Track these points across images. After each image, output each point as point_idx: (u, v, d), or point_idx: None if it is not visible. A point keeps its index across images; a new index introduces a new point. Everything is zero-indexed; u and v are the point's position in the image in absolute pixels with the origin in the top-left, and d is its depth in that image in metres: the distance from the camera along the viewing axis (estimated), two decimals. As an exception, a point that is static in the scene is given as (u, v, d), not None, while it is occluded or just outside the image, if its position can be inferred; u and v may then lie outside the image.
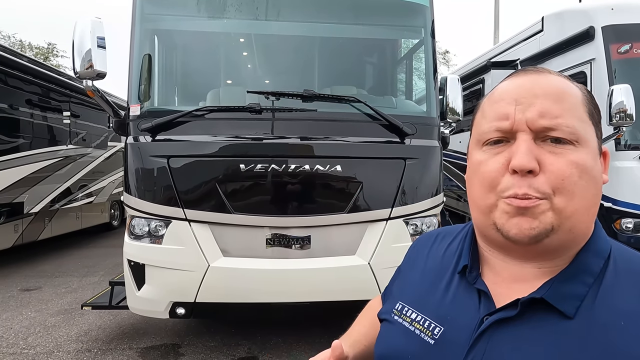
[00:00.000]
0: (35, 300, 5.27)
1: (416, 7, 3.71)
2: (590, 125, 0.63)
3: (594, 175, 0.62)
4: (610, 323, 0.57)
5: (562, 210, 0.60)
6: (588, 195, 0.62)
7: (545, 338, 0.59)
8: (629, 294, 0.59)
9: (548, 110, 0.61)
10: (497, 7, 17.72)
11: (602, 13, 5.23)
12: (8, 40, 20.61)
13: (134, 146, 3.28)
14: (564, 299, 0.60)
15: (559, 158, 0.60)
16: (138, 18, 3.43)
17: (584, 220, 0.63)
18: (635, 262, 0.64)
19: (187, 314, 3.23)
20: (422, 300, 0.74)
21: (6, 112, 6.78)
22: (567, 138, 0.61)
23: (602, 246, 0.65)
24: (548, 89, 0.63)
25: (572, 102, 0.63)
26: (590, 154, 0.62)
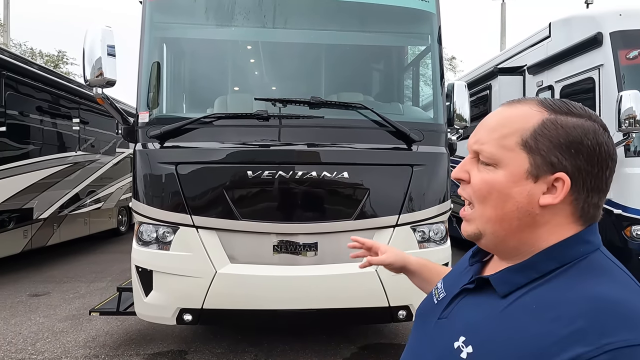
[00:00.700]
0: (44, 306, 5.30)
1: (423, 14, 3.72)
2: (520, 153, 0.74)
3: (507, 193, 0.74)
4: (526, 306, 0.70)
5: (479, 216, 0.78)
6: (501, 208, 0.75)
7: (481, 307, 0.77)
8: (558, 288, 0.69)
9: (480, 139, 0.78)
10: (503, 12, 17.73)
11: (610, 19, 5.21)
12: (19, 48, 20.95)
13: (143, 153, 3.31)
14: (503, 283, 0.75)
15: (478, 175, 0.78)
16: (147, 27, 3.47)
17: (502, 228, 0.76)
18: (590, 271, 0.71)
19: (194, 320, 3.24)
20: (449, 278, 0.97)
21: (17, 118, 6.88)
22: (486, 161, 0.77)
23: (567, 254, 0.73)
24: (491, 122, 0.79)
25: (503, 133, 0.75)
26: (507, 176, 0.74)
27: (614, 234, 4.96)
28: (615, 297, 0.65)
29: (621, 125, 4.52)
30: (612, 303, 0.64)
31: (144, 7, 3.52)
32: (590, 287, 0.67)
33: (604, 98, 5.16)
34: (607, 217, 5.01)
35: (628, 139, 4.65)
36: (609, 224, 5.00)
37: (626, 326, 0.61)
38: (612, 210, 4.93)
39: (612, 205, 4.95)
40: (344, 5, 3.59)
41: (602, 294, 0.65)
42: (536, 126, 0.74)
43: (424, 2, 3.68)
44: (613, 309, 0.63)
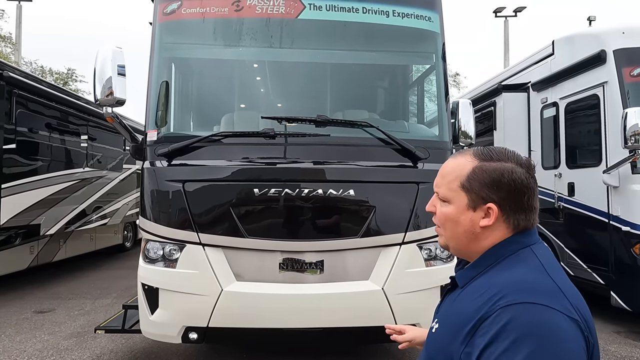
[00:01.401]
0: (49, 323, 5.29)
1: (427, 34, 3.78)
2: (460, 192, 1.04)
3: (456, 220, 1.05)
4: (469, 290, 1.00)
5: (444, 236, 1.10)
6: (454, 230, 1.07)
7: (451, 299, 1.08)
8: (489, 276, 0.98)
9: (437, 184, 1.11)
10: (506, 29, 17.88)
11: (613, 37, 5.25)
12: (30, 67, 21.36)
13: (151, 171, 3.34)
14: (462, 278, 1.06)
15: (439, 208, 1.10)
16: (157, 47, 3.55)
17: (460, 243, 1.07)
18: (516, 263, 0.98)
19: (199, 339, 3.22)
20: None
21: (26, 135, 6.98)
22: (442, 198, 1.09)
23: (499, 252, 1.01)
24: (443, 170, 1.10)
25: (449, 179, 1.07)
26: (455, 208, 1.05)
27: (622, 251, 4.90)
28: (520, 276, 0.93)
29: (627, 142, 4.51)
30: (513, 280, 0.92)
31: (153, 28, 3.60)
32: (505, 273, 0.95)
33: (608, 114, 5.17)
34: (616, 234, 4.96)
35: (634, 156, 4.64)
36: (618, 241, 4.95)
37: (517, 292, 0.88)
38: (621, 228, 4.89)
39: (620, 222, 4.91)
40: (350, 25, 3.65)
41: (510, 276, 0.94)
42: (469, 173, 1.04)
43: (429, 22, 3.74)
44: (511, 284, 0.91)
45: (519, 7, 17.22)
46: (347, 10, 3.59)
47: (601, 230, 5.18)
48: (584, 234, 5.54)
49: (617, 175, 4.93)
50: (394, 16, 3.65)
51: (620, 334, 4.95)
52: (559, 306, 0.86)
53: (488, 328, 0.85)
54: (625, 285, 4.96)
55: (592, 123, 5.45)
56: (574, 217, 5.62)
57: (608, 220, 5.07)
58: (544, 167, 6.28)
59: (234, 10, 3.55)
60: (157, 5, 3.61)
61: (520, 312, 0.84)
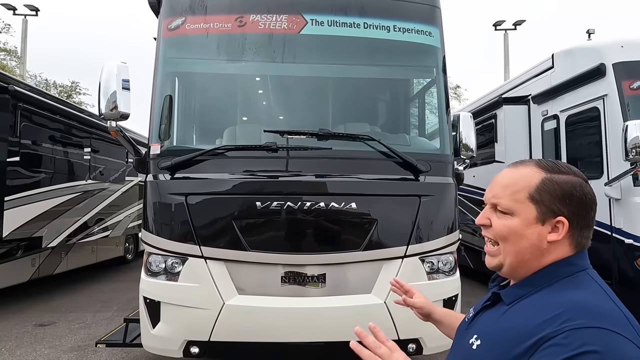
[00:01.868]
0: (50, 336, 5.27)
1: (428, 48, 3.82)
2: (529, 205, 0.99)
3: (522, 234, 0.99)
4: (519, 307, 0.96)
5: (501, 252, 1.02)
6: (517, 246, 1.00)
7: (494, 316, 1.02)
8: (544, 295, 0.94)
9: (497, 193, 1.04)
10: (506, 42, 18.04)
11: (612, 50, 5.30)
12: (35, 80, 21.58)
13: (154, 184, 3.36)
14: (508, 295, 1.01)
15: (498, 221, 1.03)
16: (161, 62, 3.60)
17: (518, 260, 1.00)
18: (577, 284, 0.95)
19: (200, 353, 3.20)
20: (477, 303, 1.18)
21: (30, 148, 7.03)
22: (503, 211, 1.02)
23: (556, 272, 0.98)
24: (504, 180, 1.04)
25: (514, 189, 1.01)
26: (520, 222, 0.99)
27: (626, 264, 4.88)
28: (583, 300, 0.89)
29: (628, 155, 4.52)
30: (579, 302, 0.88)
31: (158, 43, 3.66)
32: (567, 294, 0.91)
33: (609, 127, 5.19)
34: (619, 247, 4.94)
35: (636, 169, 4.65)
36: (621, 254, 4.93)
37: (584, 315, 0.84)
38: (624, 240, 4.88)
39: (623, 235, 4.89)
40: (352, 40, 3.70)
41: (574, 297, 0.90)
42: (538, 184, 0.99)
43: (429, 36, 3.79)
44: (579, 306, 0.87)
45: (518, 21, 17.41)
46: (349, 26, 3.64)
47: (604, 243, 5.16)
48: (587, 246, 5.51)
49: (619, 188, 4.93)
50: (395, 31, 3.70)
51: (626, 348, 4.89)
52: (631, 335, 0.83)
53: (555, 349, 0.81)
54: (629, 298, 4.92)
55: (593, 135, 5.47)
56: (577, 229, 5.60)
57: (611, 233, 5.06)
58: (545, 180, 6.28)
59: (237, 25, 3.60)
60: (161, 20, 3.67)
61: (595, 337, 0.81)
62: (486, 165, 7.62)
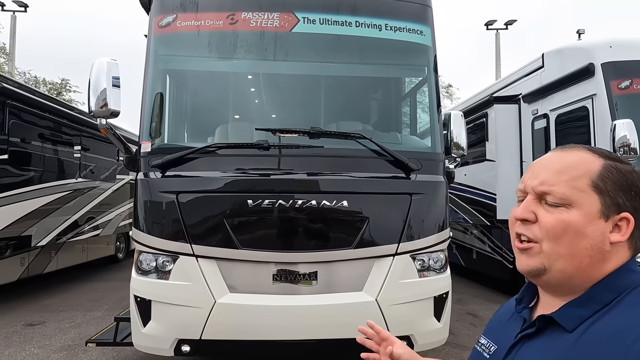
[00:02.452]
0: (39, 336, 5.22)
1: (419, 47, 3.84)
2: (592, 194, 0.80)
3: (582, 232, 0.79)
4: (597, 336, 0.74)
5: (548, 254, 0.80)
6: (575, 246, 0.79)
7: (551, 347, 0.79)
8: (625, 319, 0.74)
9: (547, 180, 0.82)
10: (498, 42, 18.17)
11: (601, 50, 5.37)
12: (24, 77, 21.30)
13: (144, 182, 3.34)
14: (567, 318, 0.79)
15: (549, 215, 0.81)
16: (152, 59, 3.57)
17: (573, 265, 0.80)
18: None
19: (192, 351, 3.19)
20: (492, 329, 1.00)
21: (19, 146, 6.94)
22: (556, 202, 0.80)
23: (622, 284, 0.79)
24: (556, 165, 0.83)
25: (572, 175, 0.81)
26: (581, 215, 0.79)
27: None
28: None
29: (616, 153, 4.58)
30: None
31: (148, 40, 3.63)
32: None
33: (597, 126, 5.26)
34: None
35: (624, 167, 4.71)
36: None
37: None
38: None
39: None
40: (344, 39, 3.70)
41: None
42: (601, 169, 0.81)
43: (420, 35, 3.80)
44: None
45: (509, 20, 17.53)
46: (341, 24, 3.65)
47: (592, 241, 5.22)
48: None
49: (607, 186, 4.99)
50: (387, 30, 3.71)
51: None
52: None
53: None
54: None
55: (582, 134, 5.54)
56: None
57: (599, 231, 5.12)
58: (535, 178, 6.35)
59: (229, 23, 3.59)
60: (152, 18, 3.65)
61: None
62: (477, 163, 7.68)
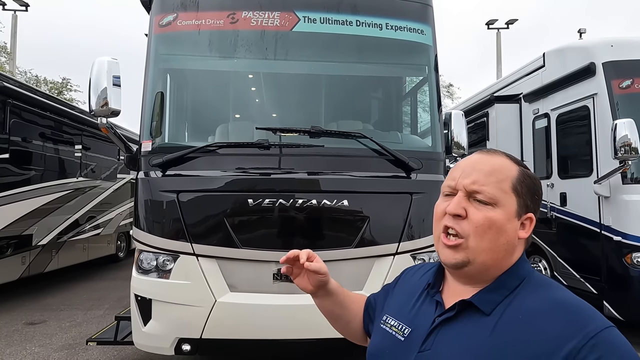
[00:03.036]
0: (40, 335, 5.22)
1: (420, 46, 3.83)
2: (512, 196, 0.91)
3: (503, 229, 0.90)
4: (513, 317, 0.85)
5: (473, 249, 0.89)
6: (495, 241, 0.89)
7: (469, 329, 0.88)
8: (533, 299, 0.87)
9: (478, 180, 0.91)
10: (499, 41, 18.14)
11: (602, 49, 5.35)
12: (25, 76, 21.30)
13: (145, 181, 3.34)
14: (484, 302, 0.89)
15: (478, 212, 0.90)
16: (152, 58, 3.57)
17: (492, 258, 0.90)
18: (542, 282, 0.92)
19: (192, 350, 3.19)
20: (401, 311, 1.05)
21: (20, 145, 6.95)
22: (486, 200, 0.90)
23: (520, 272, 0.93)
24: (485, 167, 0.93)
25: (499, 178, 0.91)
26: (503, 214, 0.90)
27: (614, 261, 4.95)
28: (572, 299, 0.87)
29: (617, 153, 4.58)
30: (573, 304, 0.85)
31: (149, 39, 3.63)
32: (552, 294, 0.88)
33: (599, 126, 5.25)
34: (608, 244, 5.00)
35: (624, 167, 4.70)
36: (609, 251, 5.00)
37: (592, 317, 0.82)
38: (612, 237, 4.94)
39: (612, 232, 4.95)
40: (344, 38, 3.70)
41: (563, 298, 0.87)
42: (518, 175, 0.93)
43: (421, 35, 3.80)
44: (577, 308, 0.84)
45: (510, 20, 17.50)
46: (341, 23, 3.64)
47: (593, 240, 5.22)
48: (577, 243, 5.58)
49: (608, 186, 4.99)
50: (387, 29, 3.70)
51: (614, 343, 4.95)
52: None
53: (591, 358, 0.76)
54: (617, 294, 5.00)
55: (583, 134, 5.53)
56: (567, 227, 5.67)
57: (600, 230, 5.12)
58: (536, 177, 6.34)
59: (229, 22, 3.59)
60: (152, 17, 3.65)
61: (614, 338, 0.80)
62: (478, 163, 7.65)
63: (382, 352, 1.01)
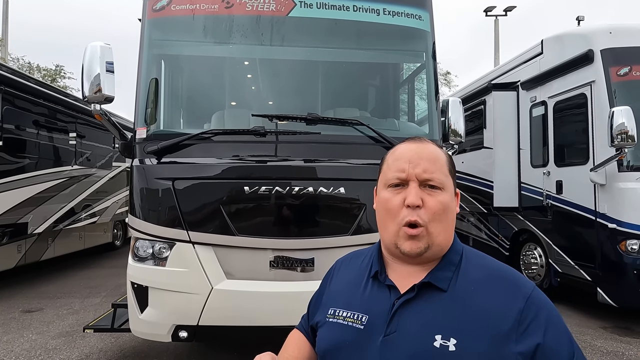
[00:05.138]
0: (37, 322, 5.23)
1: (417, 32, 3.79)
2: (449, 177, 1.02)
3: (451, 209, 1.01)
4: (466, 289, 0.95)
5: (433, 233, 0.97)
6: (447, 222, 1.00)
7: (431, 306, 0.94)
8: (474, 270, 0.99)
9: (428, 168, 0.99)
10: (497, 29, 18.02)
11: (600, 36, 5.32)
12: (17, 63, 21.01)
13: (140, 169, 3.31)
14: (440, 280, 0.97)
15: (433, 198, 0.98)
16: (146, 44, 3.51)
17: (446, 238, 1.00)
18: (475, 255, 1.04)
19: (189, 337, 3.20)
20: (350, 302, 1.06)
21: (13, 133, 6.88)
22: (437, 186, 0.98)
23: (458, 247, 1.03)
24: (428, 155, 1.01)
25: (440, 163, 1.01)
26: (449, 195, 1.00)
27: (609, 248, 4.98)
28: (502, 266, 1.00)
29: (614, 141, 4.58)
30: (506, 271, 0.98)
31: (142, 24, 3.57)
32: (487, 264, 1.00)
33: (596, 113, 5.24)
34: (602, 231, 5.04)
35: (621, 154, 4.71)
36: (604, 238, 5.03)
37: (521, 280, 0.96)
38: (607, 225, 4.97)
39: (607, 220, 4.98)
40: (341, 23, 3.64)
41: (498, 266, 1.00)
42: (447, 158, 1.04)
43: (419, 20, 3.75)
44: (509, 273, 0.97)
45: (509, 7, 17.36)
46: (338, 8, 3.59)
47: (588, 228, 5.25)
48: (572, 231, 5.62)
49: (604, 173, 5.00)
50: (385, 14, 3.65)
51: (607, 329, 5.03)
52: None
53: (534, 318, 0.89)
54: (611, 281, 5.05)
55: (580, 122, 5.53)
56: (562, 214, 5.69)
57: (595, 218, 5.15)
58: (532, 165, 6.35)
59: (224, 7, 3.53)
60: (146, 1, 3.58)
61: (540, 295, 0.94)
62: (475, 151, 7.67)
63: (342, 344, 1.00)
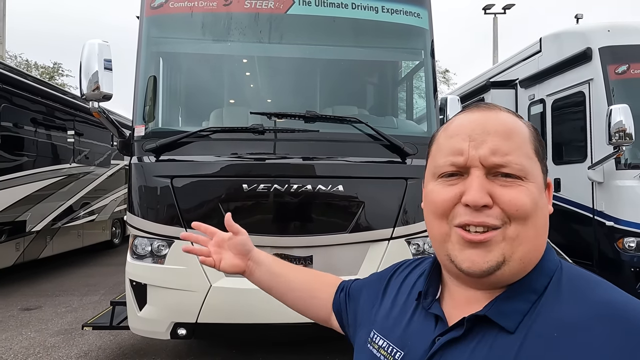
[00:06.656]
0: (36, 320, 5.23)
1: (416, 30, 3.79)
2: (536, 161, 0.67)
3: (541, 206, 0.66)
4: (545, 335, 0.60)
5: (514, 238, 0.63)
6: (538, 224, 0.65)
7: (487, 353, 0.62)
8: (567, 308, 0.62)
9: (499, 148, 0.64)
10: (495, 26, 18.01)
11: (598, 34, 5.32)
12: (15, 60, 20.94)
13: (138, 166, 3.31)
14: (505, 315, 0.63)
15: (511, 190, 0.64)
16: (144, 41, 3.51)
17: (534, 249, 0.65)
18: (578, 278, 0.67)
19: (188, 334, 3.21)
20: (389, 328, 0.79)
21: (11, 130, 6.86)
22: (515, 174, 0.64)
23: (550, 266, 0.67)
24: (498, 127, 0.66)
25: (520, 139, 0.66)
26: (537, 187, 0.65)
27: (606, 245, 5.00)
28: (623, 301, 0.62)
29: (611, 139, 4.59)
30: (627, 309, 0.60)
31: (141, 22, 3.56)
32: (596, 298, 0.62)
33: (594, 111, 5.25)
34: (600, 229, 5.05)
35: (618, 152, 4.72)
36: (602, 236, 5.05)
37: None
38: (605, 222, 4.98)
39: (604, 217, 5.00)
40: (339, 21, 3.64)
41: (611, 301, 0.61)
42: (534, 134, 0.69)
43: (417, 18, 3.75)
44: (635, 313, 0.59)
45: (507, 5, 17.35)
46: (336, 6, 3.59)
47: (586, 225, 5.27)
48: (569, 228, 5.63)
49: (602, 171, 5.01)
50: (383, 12, 3.65)
51: (604, 326, 5.04)
52: None
53: None
54: (608, 279, 5.05)
55: (578, 120, 5.53)
56: (560, 212, 5.71)
57: (593, 216, 5.16)
58: (531, 163, 6.36)
59: (223, 4, 3.52)
60: (144, -1, 3.57)
61: None
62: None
63: None
